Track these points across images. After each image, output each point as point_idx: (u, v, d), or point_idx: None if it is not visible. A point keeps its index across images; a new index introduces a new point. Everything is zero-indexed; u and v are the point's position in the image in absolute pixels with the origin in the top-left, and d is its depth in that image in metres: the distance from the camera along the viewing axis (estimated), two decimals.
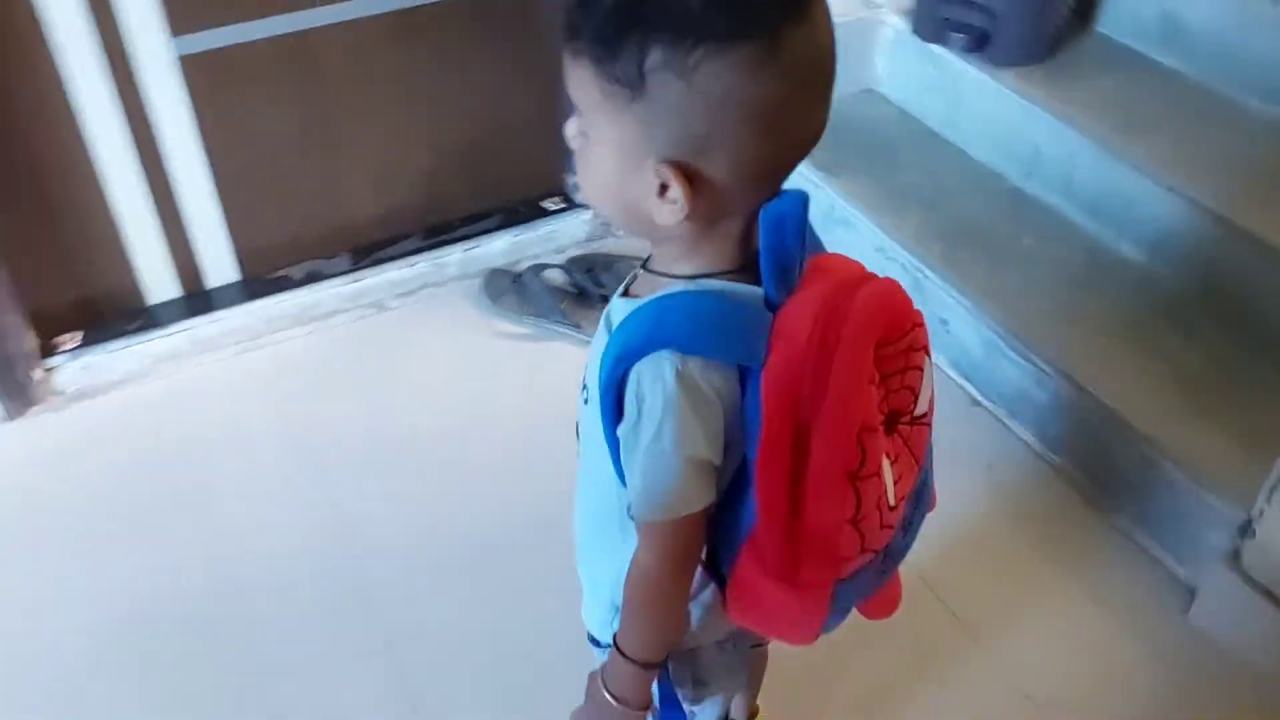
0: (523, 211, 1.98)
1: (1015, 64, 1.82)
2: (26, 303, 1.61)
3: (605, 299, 1.76)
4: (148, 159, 1.64)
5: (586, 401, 0.77)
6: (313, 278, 1.83)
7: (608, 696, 0.81)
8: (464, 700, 1.29)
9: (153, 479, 1.57)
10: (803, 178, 1.86)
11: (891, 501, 0.73)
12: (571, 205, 2.00)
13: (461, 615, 1.38)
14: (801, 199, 0.67)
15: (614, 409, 0.70)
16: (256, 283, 1.81)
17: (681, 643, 0.85)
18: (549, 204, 2.00)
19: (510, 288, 1.87)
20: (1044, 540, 1.49)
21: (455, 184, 1.93)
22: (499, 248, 1.94)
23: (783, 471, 0.68)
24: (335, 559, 1.45)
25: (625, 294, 0.76)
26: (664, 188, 0.65)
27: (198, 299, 1.78)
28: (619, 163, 0.66)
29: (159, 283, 1.76)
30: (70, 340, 1.70)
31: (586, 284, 1.86)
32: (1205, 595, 1.36)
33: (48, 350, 1.67)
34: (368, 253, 1.87)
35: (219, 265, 1.79)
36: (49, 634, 1.37)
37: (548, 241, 1.98)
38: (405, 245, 1.90)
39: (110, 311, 1.73)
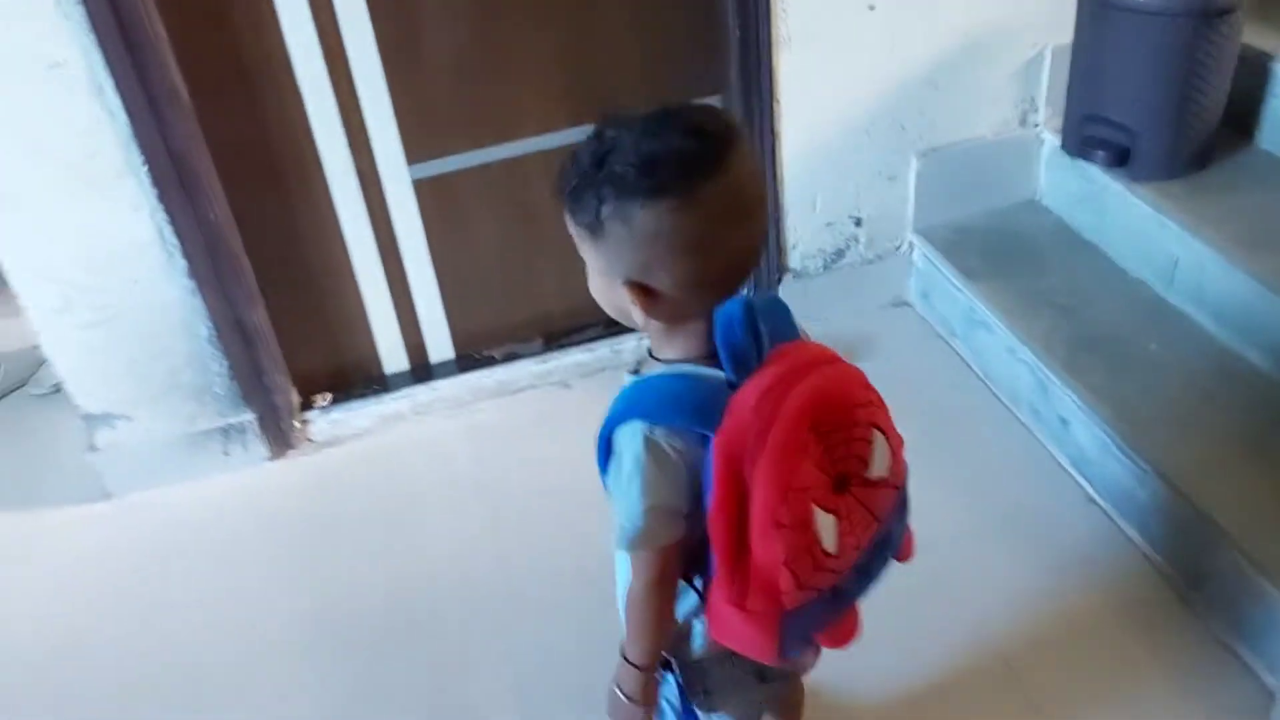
0: None
1: (1154, 179, 1.90)
2: (293, 367, 2.08)
3: None
4: (389, 259, 2.07)
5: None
6: (510, 357, 2.19)
7: (619, 694, 1.04)
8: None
9: (376, 510, 1.96)
10: (948, 283, 2.03)
11: (830, 549, 0.91)
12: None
13: (581, 635, 1.63)
14: (743, 302, 0.90)
15: (605, 463, 0.95)
16: (467, 359, 2.20)
17: (687, 653, 1.06)
18: None
19: None
20: (1134, 634, 1.55)
21: None
22: None
23: (729, 519, 0.89)
24: (511, 579, 1.78)
25: (635, 372, 1.01)
26: (639, 299, 0.91)
27: (421, 370, 2.19)
28: (603, 280, 0.93)
29: (392, 356, 2.18)
30: (323, 399, 2.14)
31: None
32: None
33: (306, 406, 2.13)
34: (557, 338, 2.22)
35: (439, 344, 2.19)
36: (281, 620, 1.76)
37: None
38: (589, 333, 2.22)
39: (355, 377, 2.17)
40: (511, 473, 2.01)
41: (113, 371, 1.94)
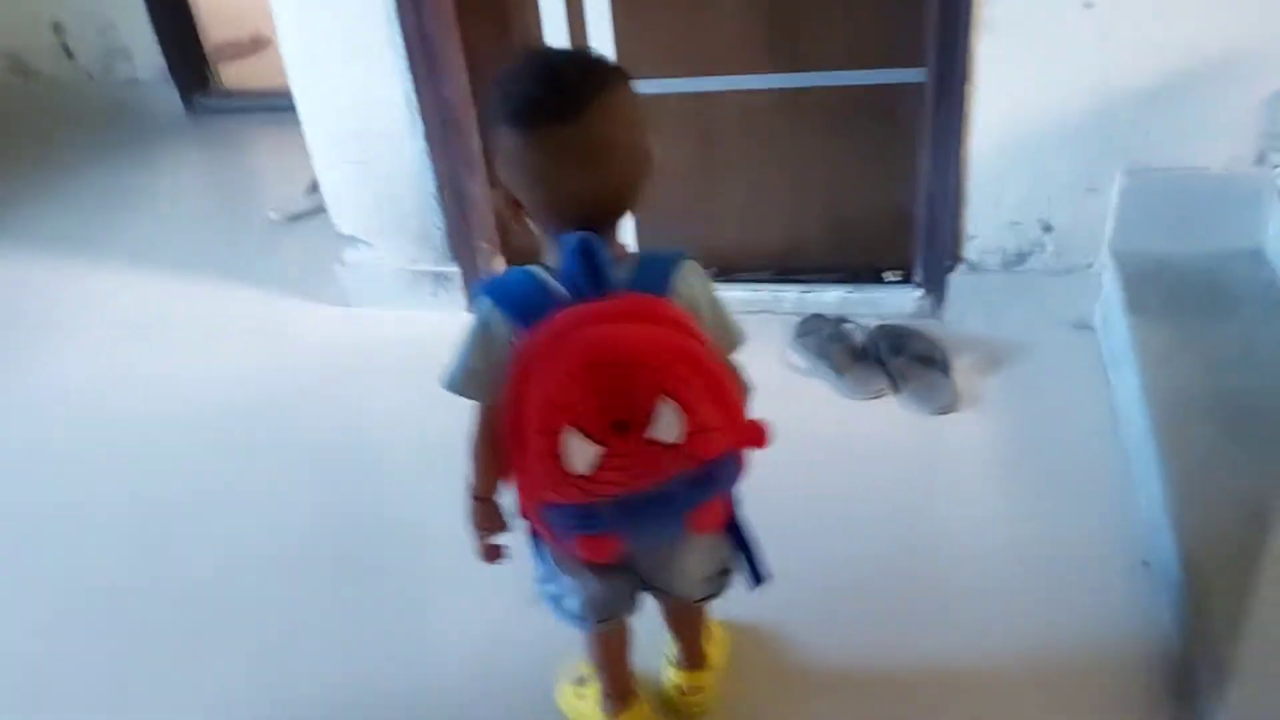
0: (862, 275, 2.29)
1: None
2: (504, 240, 2.41)
3: (883, 365, 2.03)
4: None
5: None
6: None
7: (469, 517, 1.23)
8: None
9: None
10: (1115, 312, 1.90)
11: (577, 470, 1.01)
12: (907, 281, 2.26)
13: None
14: (582, 239, 1.03)
15: None
16: None
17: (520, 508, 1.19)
18: (888, 275, 2.28)
19: (814, 329, 2.21)
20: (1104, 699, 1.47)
21: (811, 236, 2.32)
22: (830, 298, 2.28)
23: (515, 409, 1.05)
24: None
25: None
26: (508, 207, 1.09)
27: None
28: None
29: None
30: None
31: (877, 348, 2.13)
32: None
33: None
34: (727, 273, 2.36)
35: None
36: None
37: (874, 305, 2.27)
38: (759, 274, 2.34)
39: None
40: None
41: (362, 203, 2.39)
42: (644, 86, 2.17)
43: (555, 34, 2.17)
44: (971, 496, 1.86)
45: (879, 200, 2.24)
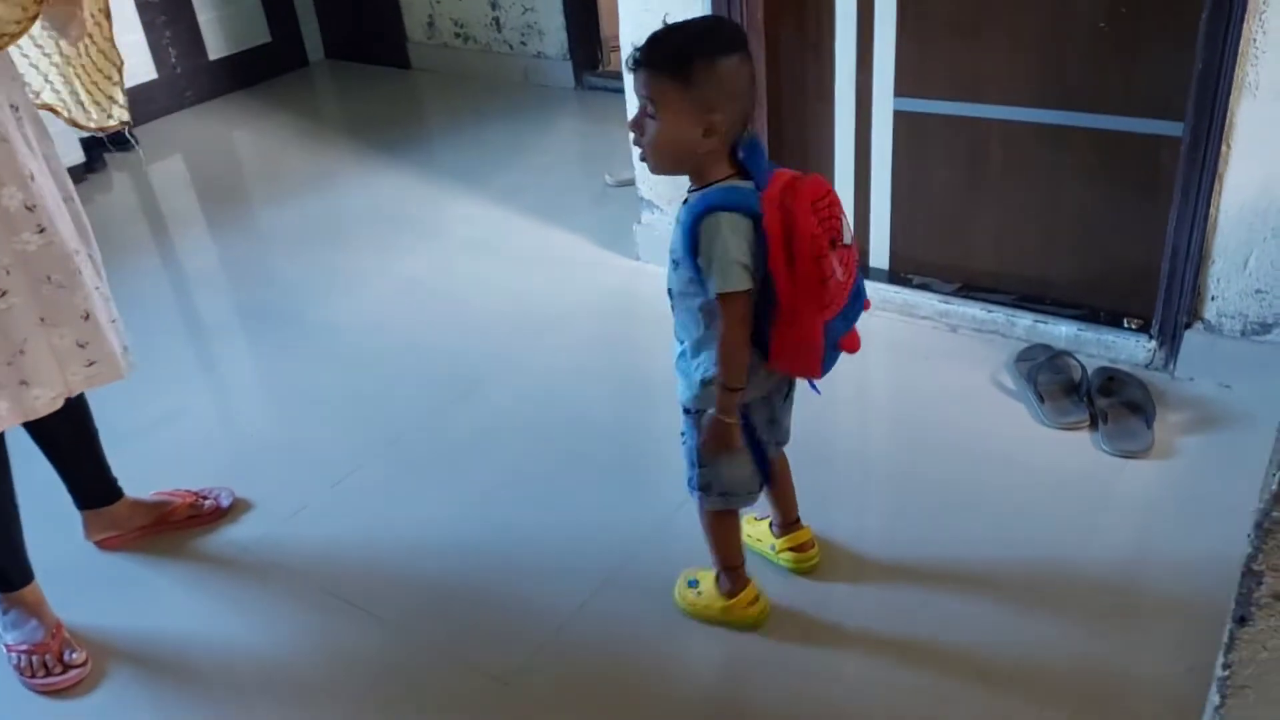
0: (1100, 316, 2.32)
1: None
2: None
3: (1090, 408, 2.10)
4: (860, 169, 2.55)
5: (676, 266, 1.51)
6: (924, 288, 2.53)
7: (724, 420, 1.54)
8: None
9: None
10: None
11: (840, 278, 1.43)
12: (1145, 331, 2.26)
13: None
14: (756, 139, 1.42)
15: (694, 247, 1.44)
16: (889, 274, 2.59)
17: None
18: (1127, 322, 2.29)
19: (1034, 356, 2.28)
20: None
21: (1057, 270, 2.38)
22: (1060, 332, 2.34)
23: (782, 261, 1.41)
24: None
25: (685, 202, 1.49)
26: (706, 132, 1.40)
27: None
28: (677, 125, 1.40)
29: None
30: None
31: (1090, 386, 2.18)
32: None
33: None
34: (969, 289, 2.48)
35: (879, 253, 2.62)
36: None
37: (1106, 348, 2.29)
38: (998, 296, 2.44)
39: None
40: (874, 373, 2.42)
41: (655, 179, 2.79)
42: (918, 105, 2.39)
43: (844, 47, 2.43)
44: (1114, 532, 1.91)
45: (1127, 246, 2.26)
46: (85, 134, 2.70)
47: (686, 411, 1.61)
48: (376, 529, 2.08)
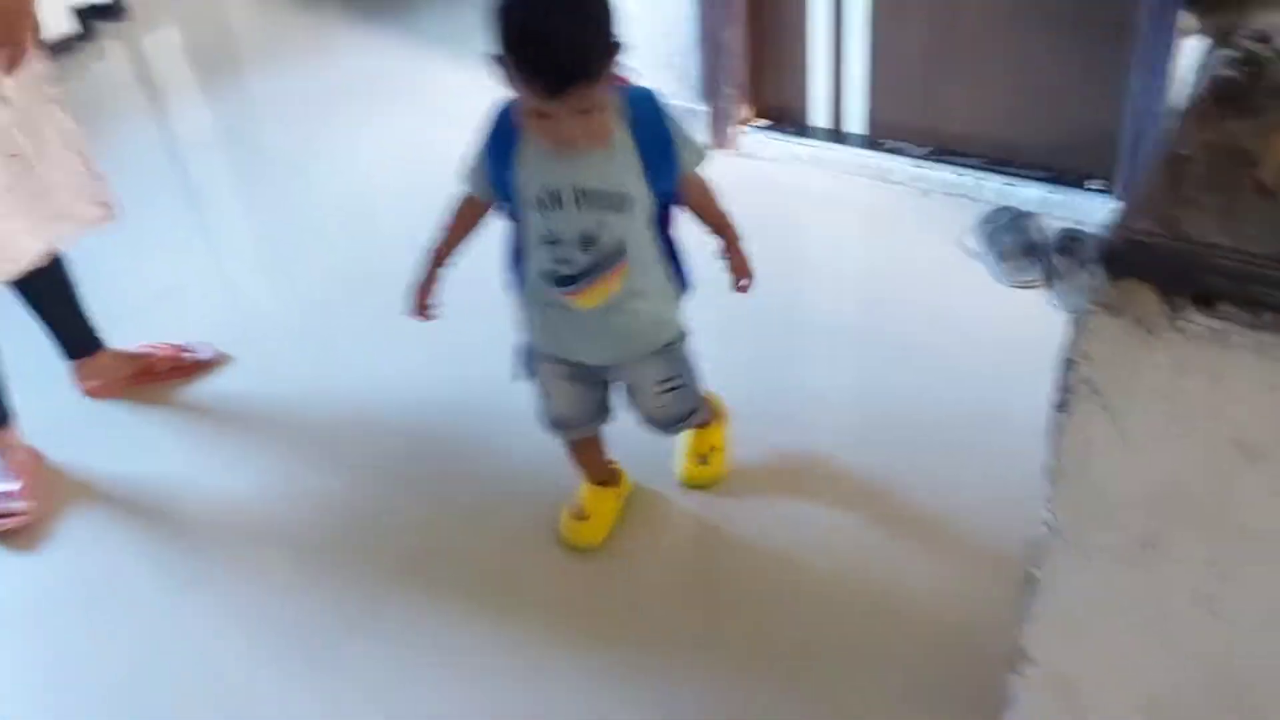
0: (1064, 179, 2.33)
1: None
2: (753, 91, 2.70)
3: (1048, 266, 2.12)
4: (837, 36, 2.52)
5: (621, 210, 1.45)
6: (895, 152, 2.53)
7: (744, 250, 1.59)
8: None
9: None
10: None
11: None
12: (1108, 191, 2.27)
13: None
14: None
15: (668, 138, 1.45)
16: (866, 139, 2.60)
17: None
18: (1090, 184, 2.30)
19: (997, 218, 2.31)
20: None
21: (1026, 135, 2.39)
22: (1028, 195, 2.36)
23: None
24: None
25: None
26: None
27: (833, 133, 2.66)
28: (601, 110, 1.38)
29: (818, 112, 2.68)
30: (761, 122, 2.75)
31: (1048, 248, 2.20)
32: None
33: (747, 121, 2.76)
34: (940, 153, 2.49)
35: (853, 119, 2.62)
36: None
37: (1072, 210, 2.32)
38: (968, 160, 2.45)
39: (786, 116, 2.73)
40: (839, 233, 2.46)
41: (639, 37, 2.76)
42: None
43: None
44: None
45: (1094, 110, 2.26)
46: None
47: (669, 345, 1.59)
48: (360, 381, 2.18)
